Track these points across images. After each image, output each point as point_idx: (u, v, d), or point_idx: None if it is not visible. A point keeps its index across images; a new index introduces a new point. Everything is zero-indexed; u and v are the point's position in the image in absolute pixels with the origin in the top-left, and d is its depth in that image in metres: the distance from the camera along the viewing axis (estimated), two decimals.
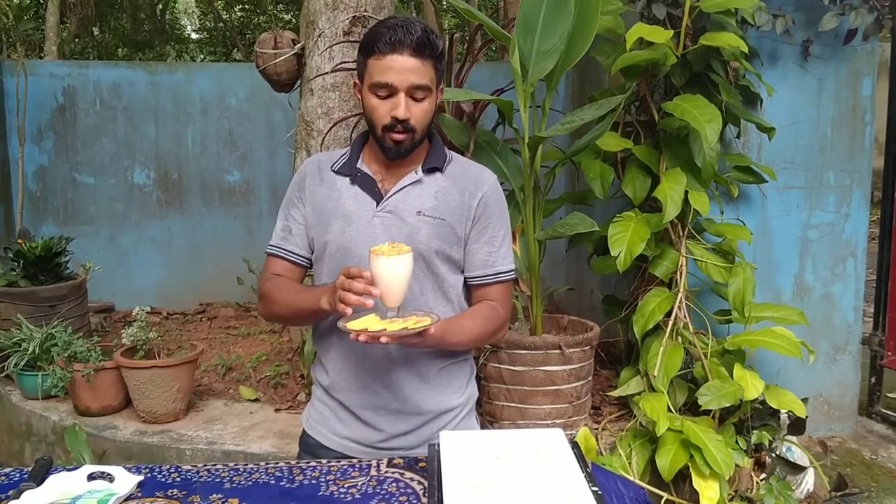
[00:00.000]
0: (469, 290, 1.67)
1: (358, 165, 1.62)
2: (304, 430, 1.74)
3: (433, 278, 1.59)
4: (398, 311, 1.41)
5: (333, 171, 1.64)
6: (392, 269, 1.36)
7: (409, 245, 1.42)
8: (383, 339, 1.33)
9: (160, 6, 12.48)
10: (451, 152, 1.68)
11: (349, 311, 1.35)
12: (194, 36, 14.99)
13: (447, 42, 3.55)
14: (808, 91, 3.33)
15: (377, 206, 1.58)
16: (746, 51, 2.88)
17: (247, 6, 12.94)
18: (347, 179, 1.61)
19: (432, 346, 1.49)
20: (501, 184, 3.19)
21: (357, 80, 1.60)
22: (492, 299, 1.64)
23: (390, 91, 1.49)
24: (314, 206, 1.63)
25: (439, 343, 1.47)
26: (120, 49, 11.40)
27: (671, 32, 2.88)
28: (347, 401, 1.63)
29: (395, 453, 1.59)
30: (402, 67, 1.48)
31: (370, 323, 1.37)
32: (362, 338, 1.33)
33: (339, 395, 1.64)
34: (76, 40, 10.25)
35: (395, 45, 1.47)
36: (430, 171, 1.61)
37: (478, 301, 1.65)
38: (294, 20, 11.86)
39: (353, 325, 1.36)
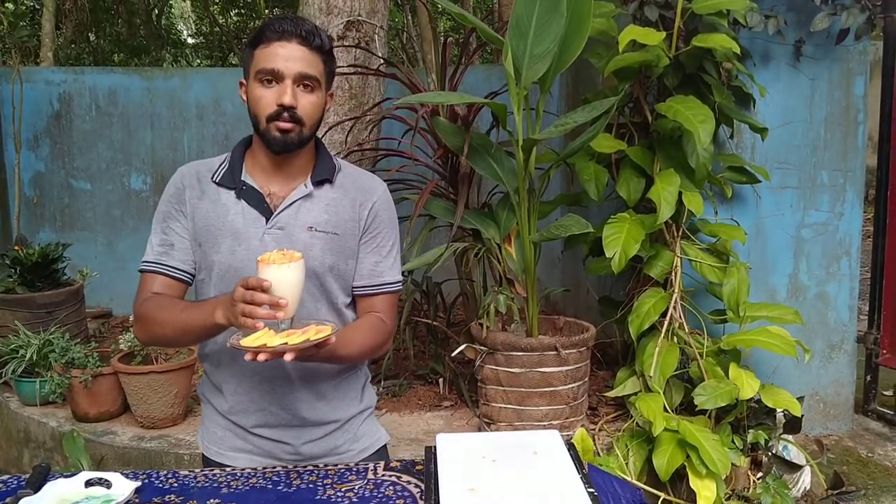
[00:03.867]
0: (354, 301, 1.61)
1: (242, 178, 1.53)
2: (202, 454, 1.67)
3: (326, 295, 1.54)
4: (291, 322, 1.31)
5: (215, 182, 1.54)
6: (285, 278, 1.26)
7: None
8: (287, 357, 1.23)
9: (156, 11, 12.49)
10: (340, 161, 1.62)
11: (261, 325, 1.24)
12: (190, 41, 15.00)
13: (442, 45, 3.57)
14: (801, 91, 3.35)
15: (267, 222, 1.50)
16: (739, 52, 2.90)
17: (242, 10, 12.95)
18: (233, 193, 1.52)
19: (325, 358, 1.39)
20: (496, 186, 3.23)
21: (242, 80, 1.53)
22: (378, 311, 1.58)
23: (277, 78, 1.44)
24: (196, 221, 1.52)
25: (331, 355, 1.37)
26: (116, 54, 11.41)
27: (663, 34, 2.90)
28: (244, 422, 1.58)
29: (306, 462, 1.55)
30: (288, 55, 1.43)
31: (266, 338, 1.25)
32: (261, 357, 1.22)
33: (233, 417, 1.58)
34: (72, 46, 10.26)
35: (282, 33, 1.43)
36: (319, 183, 1.54)
37: (364, 312, 1.59)
38: None
39: (248, 341, 1.24)
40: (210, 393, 1.64)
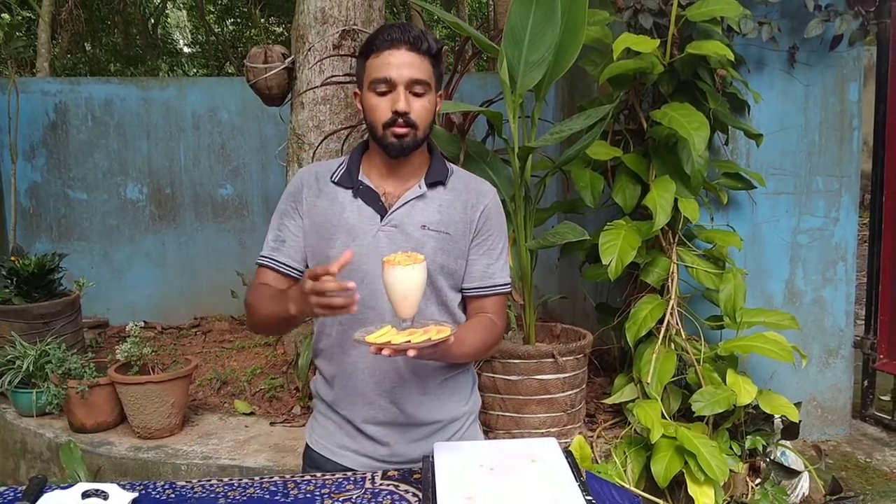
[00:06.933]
0: (465, 302, 1.65)
1: (359, 178, 1.60)
2: (307, 444, 1.71)
3: (436, 293, 1.58)
4: (411, 321, 1.36)
5: (333, 182, 1.60)
6: (408, 279, 1.33)
7: None
8: (411, 353, 1.28)
9: (152, 21, 12.49)
10: (452, 165, 1.68)
11: (355, 308, 1.30)
12: (186, 50, 15.00)
13: None
14: (796, 97, 3.36)
15: (381, 220, 1.56)
16: (733, 58, 2.91)
17: (238, 20, 12.95)
18: (349, 192, 1.59)
19: (440, 357, 1.46)
20: None
21: (357, 90, 1.60)
22: (489, 311, 1.62)
23: (389, 86, 1.50)
24: (313, 218, 1.59)
25: (446, 354, 1.42)
26: (112, 64, 11.40)
27: (658, 42, 2.91)
28: (352, 416, 1.61)
29: (406, 467, 1.57)
30: (399, 62, 1.49)
31: (390, 335, 1.31)
32: (386, 352, 1.27)
33: (343, 411, 1.62)
34: (68, 56, 10.26)
35: (392, 41, 1.50)
36: (432, 185, 1.60)
37: (474, 313, 1.64)
38: (286, 33, 11.89)
39: (373, 338, 1.30)
40: (322, 388, 1.69)
